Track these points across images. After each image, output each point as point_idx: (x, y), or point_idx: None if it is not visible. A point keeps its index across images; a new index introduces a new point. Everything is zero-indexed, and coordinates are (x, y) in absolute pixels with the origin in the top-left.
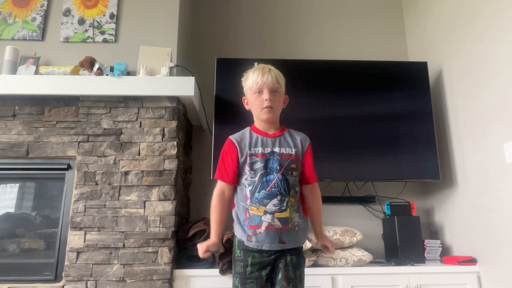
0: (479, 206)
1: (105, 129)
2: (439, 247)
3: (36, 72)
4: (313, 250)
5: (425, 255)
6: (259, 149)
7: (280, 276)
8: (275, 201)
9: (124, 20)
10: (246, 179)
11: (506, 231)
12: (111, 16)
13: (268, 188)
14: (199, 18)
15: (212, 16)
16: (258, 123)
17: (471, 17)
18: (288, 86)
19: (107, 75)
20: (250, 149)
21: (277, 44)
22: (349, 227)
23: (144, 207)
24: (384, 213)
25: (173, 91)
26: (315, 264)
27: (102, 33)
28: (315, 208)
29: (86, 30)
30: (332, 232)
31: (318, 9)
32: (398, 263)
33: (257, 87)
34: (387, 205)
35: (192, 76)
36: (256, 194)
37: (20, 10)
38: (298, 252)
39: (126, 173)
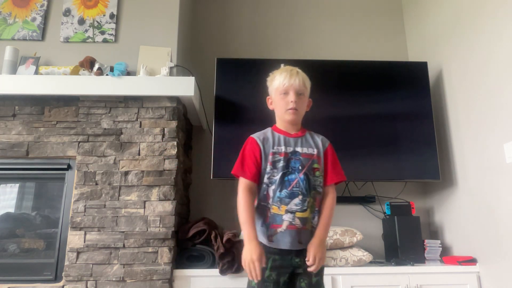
0: (479, 206)
1: (105, 129)
2: (439, 247)
3: (36, 72)
4: None
5: (425, 255)
6: (282, 148)
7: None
8: (296, 200)
9: (124, 20)
10: (268, 178)
11: (506, 231)
12: (111, 16)
13: (290, 187)
14: (199, 18)
15: (212, 16)
16: (280, 124)
17: (471, 17)
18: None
19: (107, 75)
20: (273, 148)
21: (277, 44)
22: (349, 227)
23: (144, 207)
24: (384, 213)
25: (173, 91)
26: None
27: (102, 33)
28: (322, 210)
29: (86, 30)
30: (332, 232)
31: (318, 9)
32: (398, 263)
33: (283, 88)
34: (387, 205)
35: (192, 76)
36: (278, 193)
37: (20, 10)
38: None
39: (126, 173)
